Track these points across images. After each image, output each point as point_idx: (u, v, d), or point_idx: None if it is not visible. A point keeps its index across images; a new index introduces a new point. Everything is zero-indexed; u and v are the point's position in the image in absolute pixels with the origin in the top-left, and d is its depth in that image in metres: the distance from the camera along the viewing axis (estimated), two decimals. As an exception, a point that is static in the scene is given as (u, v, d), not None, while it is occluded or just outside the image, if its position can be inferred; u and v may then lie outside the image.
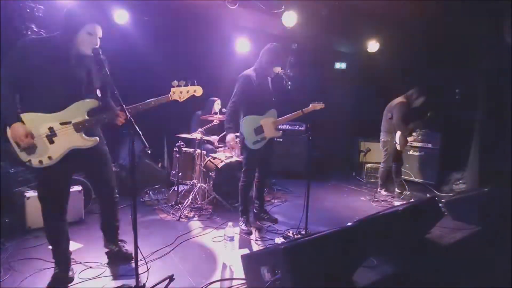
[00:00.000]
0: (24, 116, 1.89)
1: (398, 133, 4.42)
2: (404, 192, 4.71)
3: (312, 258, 1.85)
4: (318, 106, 3.27)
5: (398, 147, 4.47)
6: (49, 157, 1.95)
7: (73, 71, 1.97)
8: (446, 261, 2.58)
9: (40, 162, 1.94)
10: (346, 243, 2.04)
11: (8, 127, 1.86)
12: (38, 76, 1.89)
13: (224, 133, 4.62)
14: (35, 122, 1.91)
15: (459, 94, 4.98)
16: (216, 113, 4.39)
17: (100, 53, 1.95)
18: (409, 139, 4.61)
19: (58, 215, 2.12)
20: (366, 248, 2.20)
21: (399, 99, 4.51)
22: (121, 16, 3.97)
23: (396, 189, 4.70)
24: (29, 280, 2.13)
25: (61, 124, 1.95)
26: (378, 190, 4.72)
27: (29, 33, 3.07)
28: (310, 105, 3.25)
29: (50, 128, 1.93)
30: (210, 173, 3.91)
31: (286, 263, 1.74)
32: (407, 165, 5.27)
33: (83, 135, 2.02)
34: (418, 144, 5.30)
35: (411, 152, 5.36)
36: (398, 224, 2.47)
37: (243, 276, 2.13)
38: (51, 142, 1.94)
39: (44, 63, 1.89)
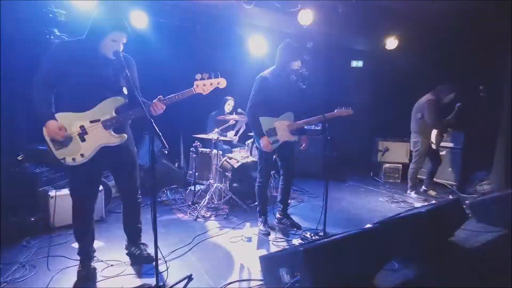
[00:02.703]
0: (57, 116, 1.99)
1: (434, 132, 4.30)
2: (432, 192, 4.60)
3: (333, 261, 1.82)
4: (345, 112, 3.02)
5: (434, 146, 4.35)
6: (82, 155, 2.03)
7: (100, 72, 2.05)
8: (471, 265, 2.48)
9: (73, 159, 2.02)
10: (368, 245, 1.99)
11: (44, 127, 1.96)
12: (68, 77, 1.98)
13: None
14: (68, 122, 1.99)
15: (483, 91, 4.79)
16: (229, 113, 4.41)
17: (121, 55, 1.99)
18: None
19: (88, 213, 2.21)
20: (388, 250, 2.14)
21: (427, 96, 4.37)
22: (140, 19, 4.04)
23: (424, 187, 4.59)
24: (55, 278, 2.19)
25: (91, 122, 2.02)
26: (408, 192, 4.59)
27: (52, 37, 3.17)
28: (335, 110, 3.05)
29: (81, 127, 2.02)
30: (226, 173, 3.93)
31: (306, 265, 1.72)
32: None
33: (112, 132, 2.08)
34: (440, 144, 5.14)
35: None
36: (421, 227, 2.39)
37: (261, 277, 2.12)
38: (83, 140, 2.03)
39: (73, 64, 1.97)
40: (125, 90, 2.12)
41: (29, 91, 1.99)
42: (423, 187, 4.64)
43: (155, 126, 1.76)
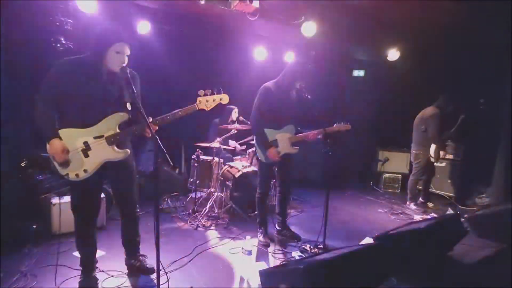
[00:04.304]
0: (61, 132, 2.00)
1: (433, 147, 4.33)
2: (429, 204, 4.63)
3: (332, 277, 1.84)
4: (343, 127, 3.09)
5: (432, 160, 4.39)
6: (85, 170, 2.04)
7: (104, 88, 2.06)
8: (470, 280, 2.49)
9: (77, 175, 2.04)
10: (367, 262, 2.01)
11: (47, 143, 1.97)
12: (73, 94, 1.99)
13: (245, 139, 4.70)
14: (71, 137, 2.01)
15: (483, 104, 4.82)
16: (233, 122, 4.43)
17: (127, 71, 2.02)
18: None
19: (90, 225, 2.23)
20: (387, 267, 2.16)
21: (432, 110, 4.40)
22: (143, 27, 4.07)
23: (420, 199, 4.62)
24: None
25: (94, 138, 2.04)
26: (407, 203, 4.65)
27: (58, 45, 3.21)
28: (335, 125, 3.09)
29: (85, 143, 2.03)
30: (227, 182, 3.94)
31: (306, 282, 1.74)
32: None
33: (115, 147, 2.10)
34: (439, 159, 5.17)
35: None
36: (420, 242, 2.41)
37: (261, 291, 2.13)
38: (86, 155, 2.04)
39: (78, 82, 1.99)
40: (128, 106, 2.14)
41: (32, 102, 1.98)
42: (421, 199, 4.66)
43: (160, 143, 1.77)
